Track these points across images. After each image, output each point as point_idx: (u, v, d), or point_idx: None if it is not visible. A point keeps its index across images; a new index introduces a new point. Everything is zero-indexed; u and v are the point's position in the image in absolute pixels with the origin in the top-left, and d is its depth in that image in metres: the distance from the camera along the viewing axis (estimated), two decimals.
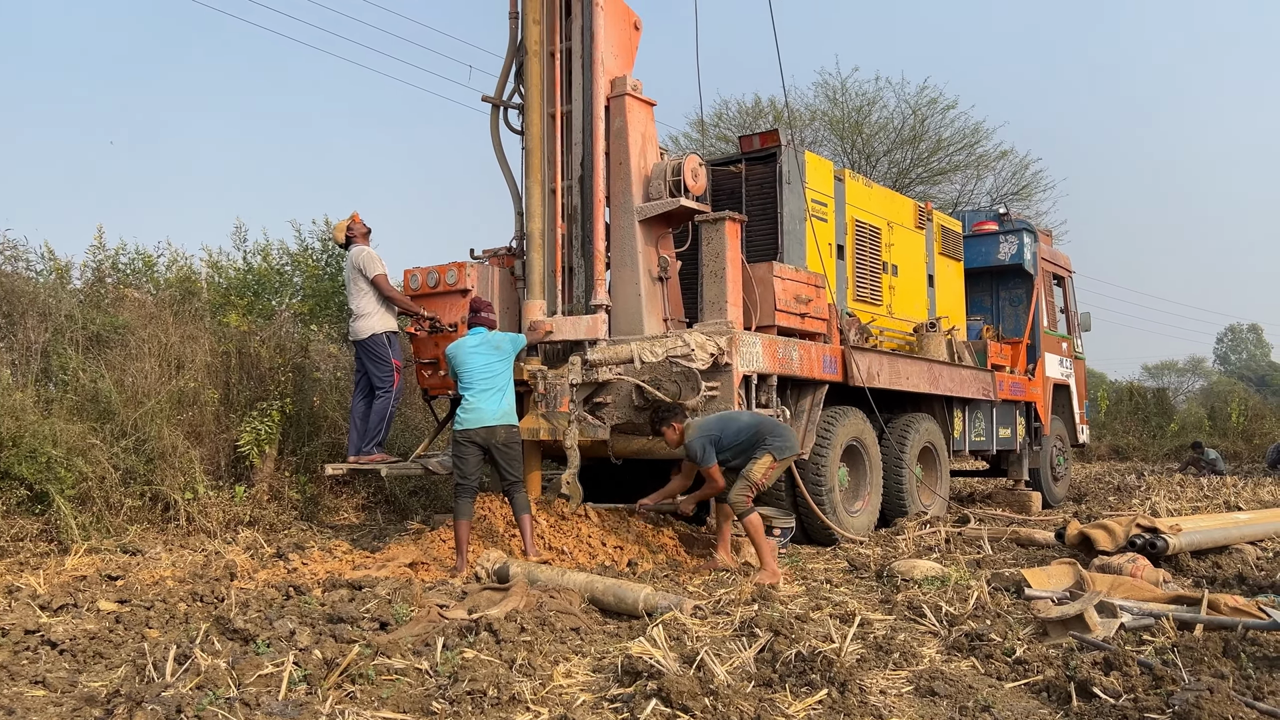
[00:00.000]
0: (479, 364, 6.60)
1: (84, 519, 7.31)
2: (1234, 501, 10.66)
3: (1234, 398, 28.21)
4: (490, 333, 6.82)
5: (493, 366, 6.62)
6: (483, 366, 6.59)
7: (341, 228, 8.38)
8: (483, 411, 6.53)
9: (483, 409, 6.53)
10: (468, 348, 6.68)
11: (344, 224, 8.38)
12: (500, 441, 6.54)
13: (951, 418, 10.47)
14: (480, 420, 6.51)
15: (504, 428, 6.56)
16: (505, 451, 6.56)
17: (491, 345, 6.68)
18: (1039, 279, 12.57)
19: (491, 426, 6.52)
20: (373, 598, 5.05)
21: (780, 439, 6.57)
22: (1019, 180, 25.49)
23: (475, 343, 6.69)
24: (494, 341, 6.71)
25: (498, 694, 3.68)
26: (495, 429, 6.53)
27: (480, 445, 6.53)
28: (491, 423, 6.52)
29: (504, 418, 6.58)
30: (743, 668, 4.01)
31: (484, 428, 6.51)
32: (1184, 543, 6.53)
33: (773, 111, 23.87)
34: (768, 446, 6.49)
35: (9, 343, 8.63)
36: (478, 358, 6.61)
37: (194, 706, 3.39)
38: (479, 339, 6.72)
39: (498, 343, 6.71)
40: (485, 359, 6.61)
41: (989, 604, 5.34)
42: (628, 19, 8.10)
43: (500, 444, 6.54)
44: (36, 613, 5.07)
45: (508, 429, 6.59)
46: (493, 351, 6.65)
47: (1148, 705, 3.48)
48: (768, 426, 6.60)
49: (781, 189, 8.87)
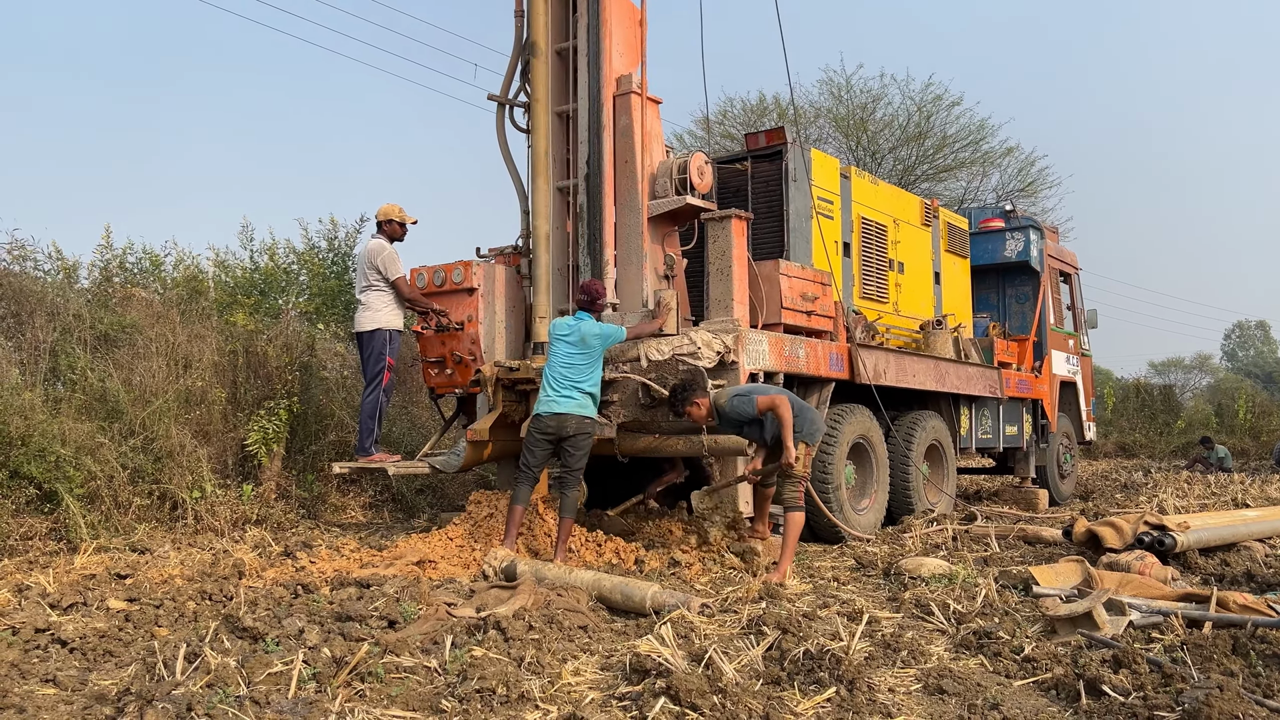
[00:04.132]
0: (561, 352, 6.62)
1: (93, 518, 7.34)
2: (1242, 499, 10.63)
3: (1241, 394, 28.09)
4: (588, 323, 6.72)
5: (573, 358, 6.60)
6: (564, 355, 6.61)
7: (392, 211, 8.26)
8: (554, 400, 6.54)
9: (554, 398, 6.55)
10: (558, 333, 6.71)
11: (396, 209, 8.27)
12: (571, 432, 6.55)
13: (958, 415, 10.46)
14: (550, 409, 6.54)
15: (576, 418, 6.55)
16: (572, 441, 6.57)
17: (579, 336, 6.62)
18: (1045, 276, 12.55)
19: (562, 415, 6.52)
20: (381, 596, 5.06)
21: (808, 423, 6.52)
22: (1025, 177, 25.43)
23: (566, 330, 6.67)
24: (585, 332, 6.63)
25: (506, 692, 3.69)
26: (567, 418, 6.53)
27: (550, 434, 6.56)
28: (561, 411, 6.52)
29: (578, 408, 6.56)
30: (751, 666, 4.01)
31: (554, 415, 6.53)
32: (1192, 540, 6.52)
33: (778, 109, 23.84)
34: (800, 434, 6.42)
35: (17, 342, 8.66)
36: (562, 345, 6.63)
37: (204, 705, 3.41)
38: (571, 327, 6.69)
39: (587, 334, 6.62)
40: (568, 349, 6.61)
41: (997, 602, 5.33)
42: (633, 16, 8.09)
43: (570, 434, 6.55)
44: (46, 611, 5.09)
45: (579, 420, 6.56)
46: (578, 343, 6.61)
47: (1157, 703, 3.48)
48: (795, 407, 6.53)
49: (787, 186, 8.85)
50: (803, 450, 6.40)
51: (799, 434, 6.40)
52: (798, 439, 6.38)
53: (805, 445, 6.44)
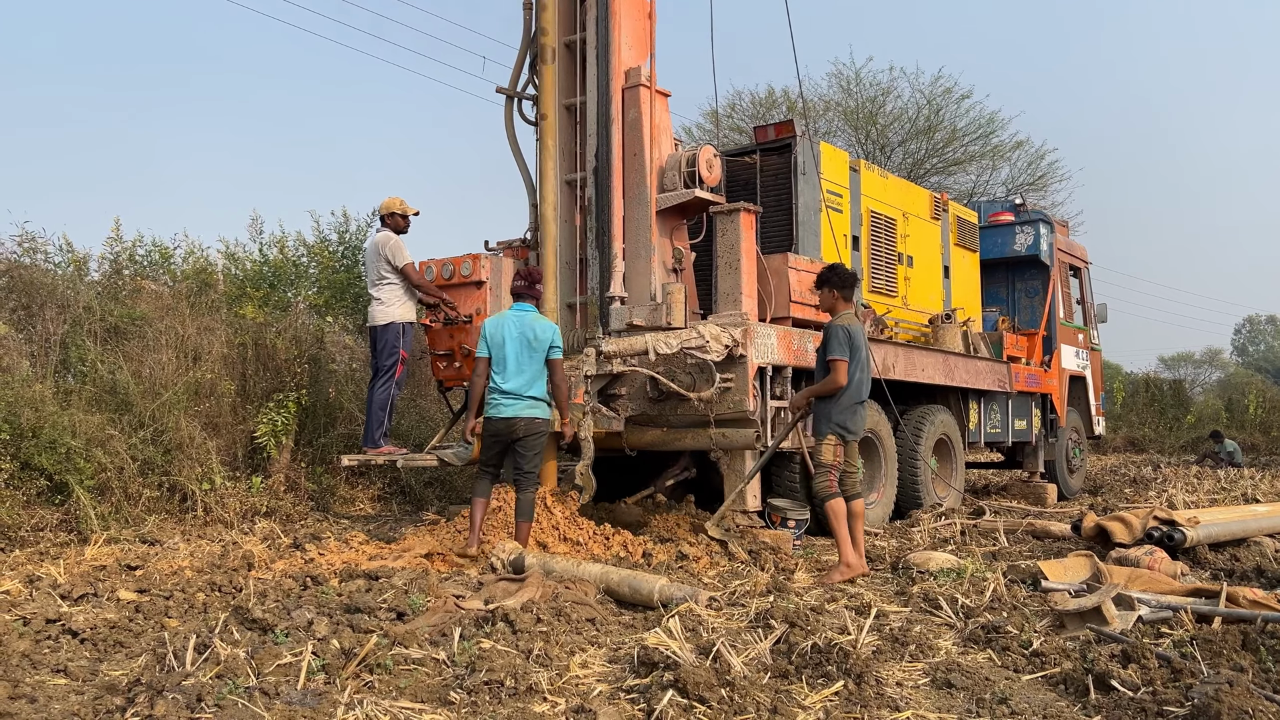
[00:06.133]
0: (512, 351, 6.43)
1: (103, 509, 7.37)
2: (1252, 494, 10.60)
3: (1252, 389, 27.99)
4: (533, 316, 6.56)
5: (523, 356, 6.45)
6: (515, 355, 6.43)
7: (394, 204, 8.28)
8: (502, 404, 6.41)
9: (503, 401, 6.42)
10: (507, 331, 6.45)
11: (398, 202, 8.29)
12: (520, 434, 6.43)
13: (967, 409, 10.43)
14: (499, 412, 6.42)
15: (525, 421, 6.43)
16: (523, 443, 6.45)
17: (528, 335, 6.44)
18: (1055, 270, 12.50)
19: (511, 419, 6.40)
20: (389, 588, 5.07)
21: (851, 419, 6.23)
22: (1035, 170, 25.37)
23: (515, 332, 6.45)
24: (531, 332, 6.45)
25: (515, 684, 3.69)
26: (515, 422, 6.40)
27: (500, 437, 6.45)
28: (510, 415, 6.40)
29: (526, 410, 6.42)
30: (759, 659, 4.01)
31: (503, 420, 6.41)
32: (1202, 535, 6.50)
33: (787, 102, 23.81)
34: (831, 425, 6.22)
35: (28, 334, 8.69)
36: (512, 345, 6.43)
37: (214, 695, 3.42)
38: (519, 325, 6.47)
39: (535, 334, 6.44)
40: (517, 348, 6.42)
41: (1005, 596, 5.33)
42: (643, 8, 8.07)
43: (520, 437, 6.43)
44: (57, 602, 5.11)
45: (528, 422, 6.44)
46: (527, 343, 6.43)
47: (1166, 698, 3.47)
48: (854, 398, 6.25)
49: (796, 180, 8.83)
50: (832, 442, 6.18)
51: (832, 425, 6.20)
52: (829, 428, 6.20)
53: (835, 439, 6.20)
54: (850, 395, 6.23)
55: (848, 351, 6.16)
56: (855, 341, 6.22)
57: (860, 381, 6.27)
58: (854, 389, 6.24)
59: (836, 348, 6.17)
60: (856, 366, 6.22)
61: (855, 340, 6.22)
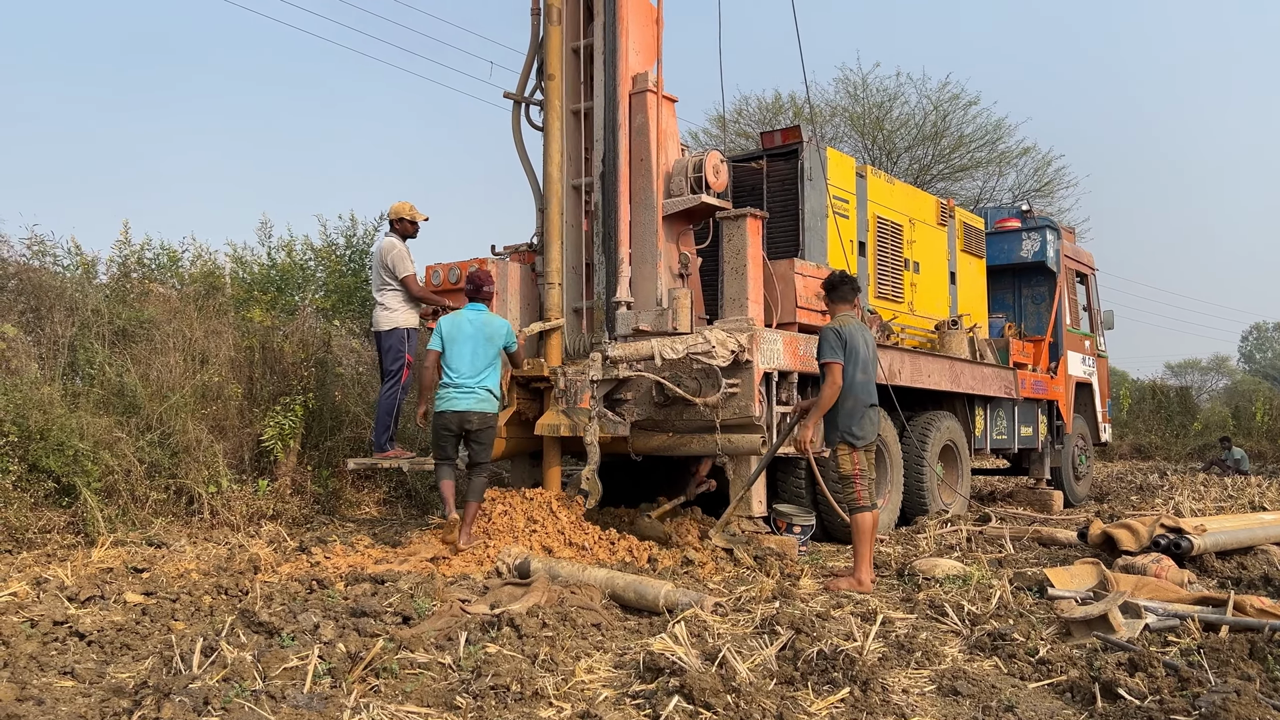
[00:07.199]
0: (469, 346, 6.80)
1: (110, 511, 7.39)
2: (1259, 502, 10.56)
3: (1259, 397, 27.88)
4: (488, 314, 7.00)
5: (479, 350, 6.81)
6: (470, 350, 6.80)
7: (403, 210, 8.34)
8: (456, 398, 6.75)
9: (456, 395, 6.75)
10: (462, 328, 6.86)
11: (407, 207, 8.35)
12: (474, 428, 6.78)
13: (973, 416, 10.42)
14: (452, 405, 6.76)
15: (478, 414, 6.78)
16: (476, 435, 6.82)
17: (485, 334, 6.86)
18: (1062, 276, 12.48)
19: (464, 413, 6.75)
20: (395, 592, 5.08)
21: (857, 424, 6.12)
22: (1041, 177, 25.34)
23: (471, 330, 6.85)
24: (489, 327, 6.89)
25: (520, 689, 3.70)
26: (469, 415, 6.75)
27: (453, 430, 6.79)
28: (464, 409, 6.74)
29: (478, 404, 6.78)
30: (764, 665, 4.01)
31: (456, 413, 6.75)
32: (1209, 543, 6.48)
33: (793, 107, 23.80)
34: (837, 431, 6.15)
35: (36, 337, 8.72)
36: (467, 341, 6.81)
37: (220, 698, 3.43)
38: (475, 323, 6.88)
39: (491, 333, 6.88)
40: (473, 345, 6.81)
41: (1011, 603, 5.32)
42: (649, 14, 8.08)
43: (474, 429, 6.79)
44: (64, 604, 5.13)
45: (481, 415, 6.80)
46: (484, 338, 6.84)
47: (1173, 707, 3.46)
48: (859, 401, 6.14)
49: (803, 185, 8.83)
50: (844, 452, 6.13)
51: (841, 434, 6.13)
52: (834, 435, 6.14)
53: (848, 447, 6.14)
54: (851, 398, 6.14)
55: (840, 353, 6.10)
56: (850, 342, 6.14)
57: (861, 383, 6.17)
58: (854, 390, 6.15)
59: (826, 350, 6.15)
60: (855, 368, 6.16)
61: (849, 341, 6.15)
